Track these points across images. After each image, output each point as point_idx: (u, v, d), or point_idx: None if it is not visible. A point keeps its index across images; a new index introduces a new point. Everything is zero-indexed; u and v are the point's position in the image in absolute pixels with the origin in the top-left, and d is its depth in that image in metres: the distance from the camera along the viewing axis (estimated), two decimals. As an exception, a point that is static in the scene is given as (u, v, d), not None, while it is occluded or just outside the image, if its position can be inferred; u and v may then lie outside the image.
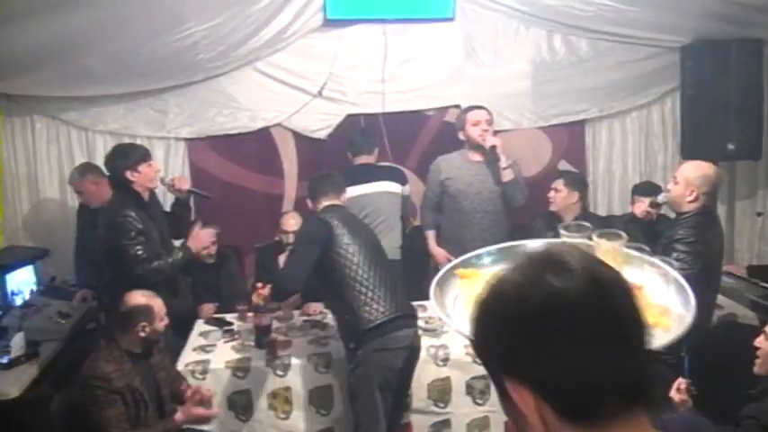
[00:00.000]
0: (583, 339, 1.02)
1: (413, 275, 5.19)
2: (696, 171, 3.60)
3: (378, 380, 3.60)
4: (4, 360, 3.95)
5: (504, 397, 1.09)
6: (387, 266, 3.82)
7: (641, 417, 1.06)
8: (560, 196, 4.82)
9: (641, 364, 1.06)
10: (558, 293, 1.04)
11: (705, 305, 3.66)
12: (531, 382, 1.05)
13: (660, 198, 3.80)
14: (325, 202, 3.88)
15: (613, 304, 1.05)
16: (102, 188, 4.76)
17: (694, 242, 3.46)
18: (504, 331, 1.07)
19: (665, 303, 1.82)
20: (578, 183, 4.95)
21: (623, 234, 1.98)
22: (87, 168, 4.99)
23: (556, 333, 1.03)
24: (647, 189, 4.88)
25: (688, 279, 3.32)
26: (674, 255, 3.42)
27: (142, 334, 3.32)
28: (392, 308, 3.62)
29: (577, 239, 2.02)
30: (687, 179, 3.56)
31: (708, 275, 3.54)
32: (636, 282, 1.69)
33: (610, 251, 1.95)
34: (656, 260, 1.97)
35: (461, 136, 4.85)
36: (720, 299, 4.17)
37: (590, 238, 1.98)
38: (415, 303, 4.39)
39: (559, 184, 4.86)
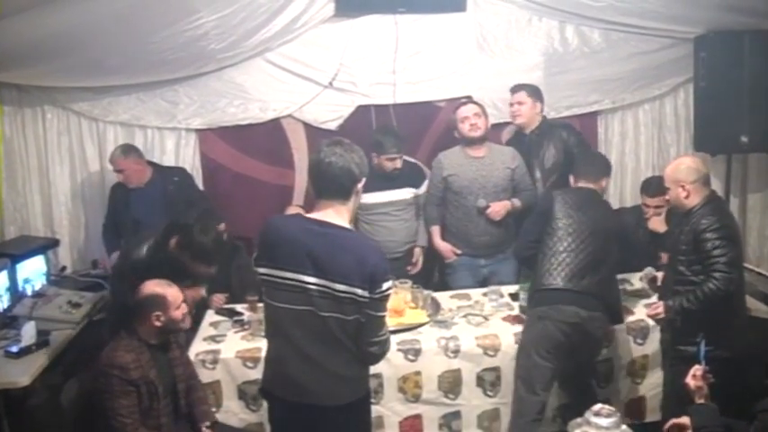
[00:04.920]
0: None
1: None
2: (676, 168, 3.67)
3: (537, 348, 3.81)
4: (15, 349, 3.95)
5: None
6: (600, 250, 3.89)
7: None
8: (526, 108, 5.00)
9: None
10: None
11: (740, 294, 3.68)
12: None
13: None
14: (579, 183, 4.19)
15: None
16: (143, 169, 5.14)
17: (720, 227, 3.46)
18: None
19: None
20: (539, 93, 5.09)
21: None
22: (130, 149, 5.15)
23: None
24: (656, 187, 4.83)
25: (732, 265, 3.37)
26: (709, 245, 3.43)
27: (158, 323, 3.33)
28: (572, 282, 3.80)
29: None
30: (674, 180, 3.62)
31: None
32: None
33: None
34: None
35: (456, 134, 4.98)
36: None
37: None
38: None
39: (523, 95, 5.01)
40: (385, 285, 2.72)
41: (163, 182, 5.15)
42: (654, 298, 4.06)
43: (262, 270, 2.85)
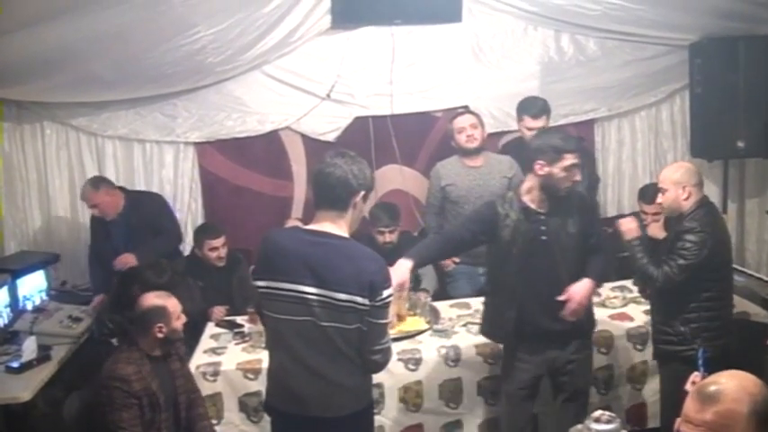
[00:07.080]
0: None
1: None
2: (677, 169, 3.64)
3: None
4: (16, 364, 3.96)
5: None
6: None
7: None
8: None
9: None
10: None
11: (723, 299, 3.66)
12: None
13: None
14: None
15: None
16: (116, 199, 4.98)
17: (700, 231, 3.46)
18: None
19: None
20: None
21: None
22: (100, 181, 5.03)
23: None
24: (653, 194, 4.82)
25: (689, 269, 3.36)
26: (679, 244, 3.46)
27: (160, 335, 3.33)
28: None
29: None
30: (674, 181, 3.57)
31: (715, 266, 3.53)
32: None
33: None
34: None
35: (453, 144, 4.97)
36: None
37: None
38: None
39: (546, 120, 4.89)
40: (385, 293, 2.71)
41: (130, 209, 5.01)
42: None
43: (260, 283, 2.84)
